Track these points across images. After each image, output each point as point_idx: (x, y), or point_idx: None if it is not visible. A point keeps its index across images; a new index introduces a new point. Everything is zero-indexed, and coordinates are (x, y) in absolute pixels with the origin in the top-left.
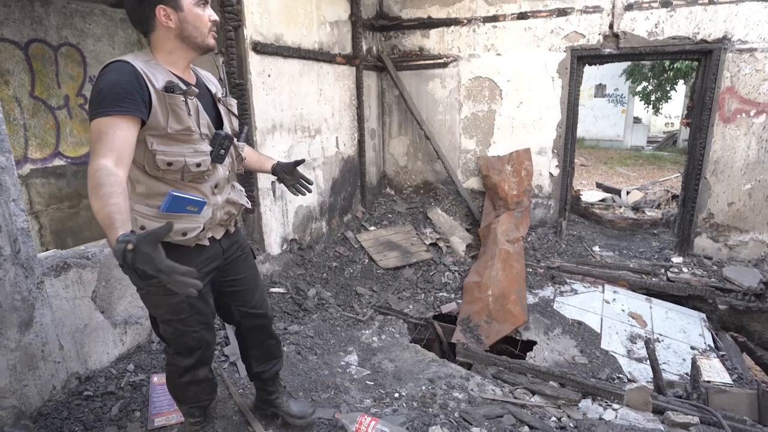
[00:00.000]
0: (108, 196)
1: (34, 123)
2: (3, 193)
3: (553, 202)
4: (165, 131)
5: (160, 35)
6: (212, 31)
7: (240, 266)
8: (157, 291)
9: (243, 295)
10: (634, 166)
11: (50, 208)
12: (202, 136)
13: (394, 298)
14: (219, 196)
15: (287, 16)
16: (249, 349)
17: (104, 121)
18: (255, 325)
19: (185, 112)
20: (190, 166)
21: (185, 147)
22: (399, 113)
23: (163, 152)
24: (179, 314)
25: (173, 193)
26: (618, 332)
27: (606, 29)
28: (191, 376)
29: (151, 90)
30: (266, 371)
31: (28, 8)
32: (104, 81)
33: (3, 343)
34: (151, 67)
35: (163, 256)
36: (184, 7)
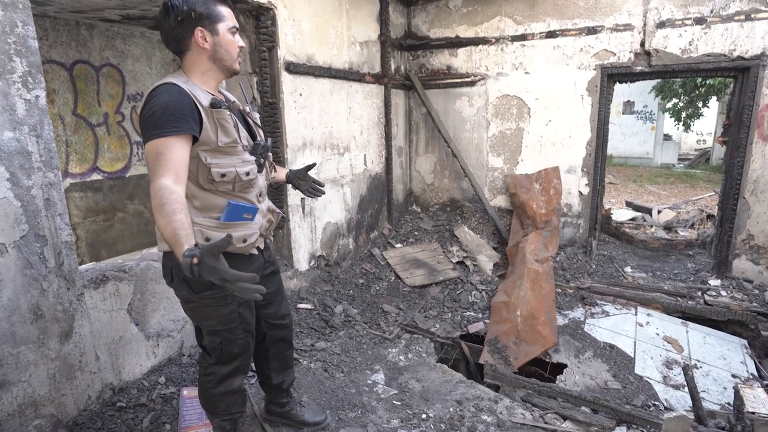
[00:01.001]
0: (172, 213)
1: (75, 139)
2: (50, 207)
3: (583, 221)
4: (216, 145)
5: (194, 56)
6: (239, 57)
7: (271, 280)
8: (209, 303)
9: (272, 307)
10: (665, 184)
11: (87, 221)
12: (244, 147)
13: (421, 317)
14: (263, 203)
15: (319, 37)
16: (270, 361)
17: (161, 142)
18: (279, 336)
19: (231, 125)
20: (241, 176)
21: (234, 158)
22: (426, 131)
23: (216, 165)
24: (229, 324)
25: (232, 202)
26: (653, 357)
27: (637, 47)
28: (227, 385)
29: (200, 108)
30: (285, 381)
31: (74, 32)
32: (157, 103)
33: (44, 353)
34: (192, 87)
35: (226, 266)
36: (219, 31)
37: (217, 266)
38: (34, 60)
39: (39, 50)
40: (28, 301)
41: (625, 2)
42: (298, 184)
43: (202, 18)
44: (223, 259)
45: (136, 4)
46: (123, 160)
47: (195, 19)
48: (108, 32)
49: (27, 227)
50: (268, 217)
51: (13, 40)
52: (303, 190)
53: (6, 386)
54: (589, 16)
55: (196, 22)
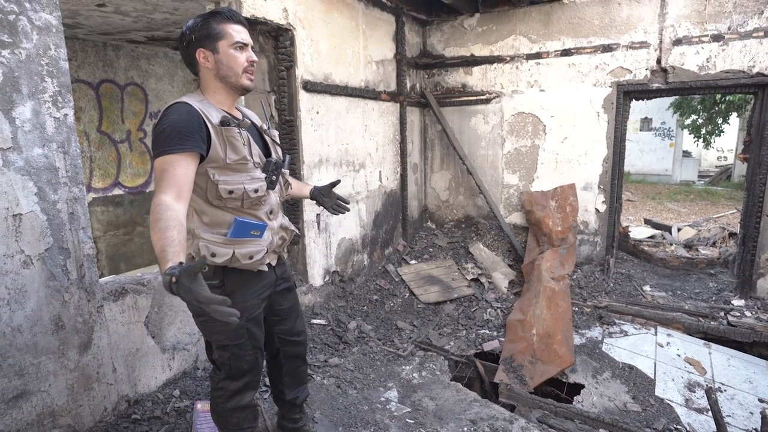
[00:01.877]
0: (164, 230)
1: (99, 155)
2: (74, 221)
3: (600, 238)
4: (224, 162)
5: (204, 75)
6: (247, 72)
7: (286, 296)
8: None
9: (286, 323)
10: (685, 201)
11: (107, 234)
12: (255, 164)
13: (435, 334)
14: (274, 221)
15: (336, 56)
16: (284, 377)
17: (167, 159)
18: (293, 352)
19: (240, 142)
20: (249, 193)
21: (243, 175)
22: (441, 148)
23: (224, 182)
24: (237, 339)
25: (238, 219)
26: (674, 379)
27: (653, 64)
28: (237, 401)
29: (209, 126)
30: (298, 397)
31: (102, 52)
32: (166, 122)
33: (64, 363)
34: (205, 105)
35: (201, 288)
36: (219, 50)
37: (192, 287)
38: (64, 80)
39: (69, 71)
40: (50, 312)
41: (641, 20)
42: (323, 201)
43: (202, 39)
44: (201, 281)
45: (160, 26)
46: (144, 175)
47: (196, 42)
48: (133, 53)
49: (52, 240)
50: (281, 234)
51: (45, 62)
52: (327, 206)
53: (26, 396)
54: (604, 34)
55: (198, 44)
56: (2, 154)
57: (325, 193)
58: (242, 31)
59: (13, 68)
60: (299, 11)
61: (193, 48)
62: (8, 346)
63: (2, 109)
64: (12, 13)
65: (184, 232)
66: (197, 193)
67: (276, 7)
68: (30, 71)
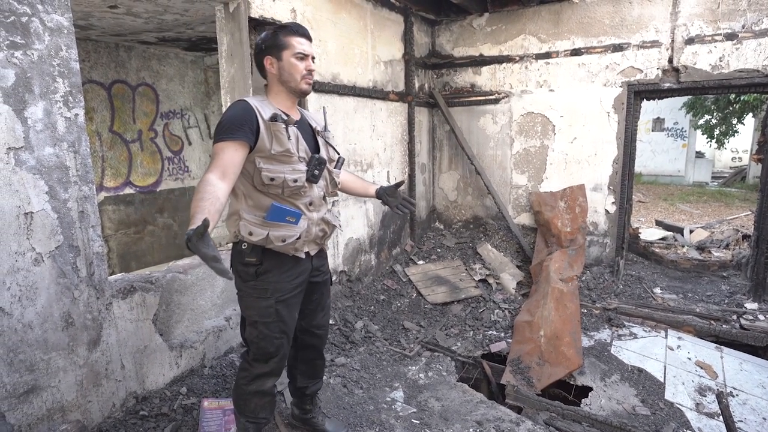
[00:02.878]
0: (200, 200)
1: (111, 155)
2: (84, 219)
3: (609, 240)
4: (269, 153)
5: (269, 79)
6: (305, 78)
7: (318, 289)
8: (251, 293)
9: (310, 314)
10: (698, 202)
11: (118, 233)
12: (300, 158)
13: (442, 335)
14: (315, 213)
15: (344, 56)
16: (298, 364)
17: (219, 145)
18: (311, 343)
19: (285, 137)
20: (288, 182)
21: (285, 166)
22: (449, 148)
23: (267, 170)
24: (266, 318)
25: (275, 204)
26: (684, 383)
27: (665, 64)
28: (258, 384)
29: (260, 120)
30: (308, 387)
31: (114, 53)
32: (225, 115)
33: (73, 360)
34: (263, 104)
35: (206, 246)
36: (283, 58)
37: (198, 245)
38: (75, 81)
39: (80, 71)
40: (60, 309)
41: (652, 19)
42: (388, 201)
43: (269, 49)
44: (207, 241)
45: (171, 27)
46: (154, 175)
47: (265, 50)
48: (145, 53)
49: (62, 238)
50: (321, 226)
51: (57, 62)
52: (392, 206)
53: (37, 391)
54: (615, 34)
55: (266, 52)
56: (14, 153)
57: (390, 193)
58: (304, 43)
59: (25, 69)
60: (307, 12)
61: (263, 55)
62: (19, 342)
63: (15, 109)
64: (25, 14)
65: (218, 205)
66: (245, 178)
67: (284, 7)
68: (42, 72)
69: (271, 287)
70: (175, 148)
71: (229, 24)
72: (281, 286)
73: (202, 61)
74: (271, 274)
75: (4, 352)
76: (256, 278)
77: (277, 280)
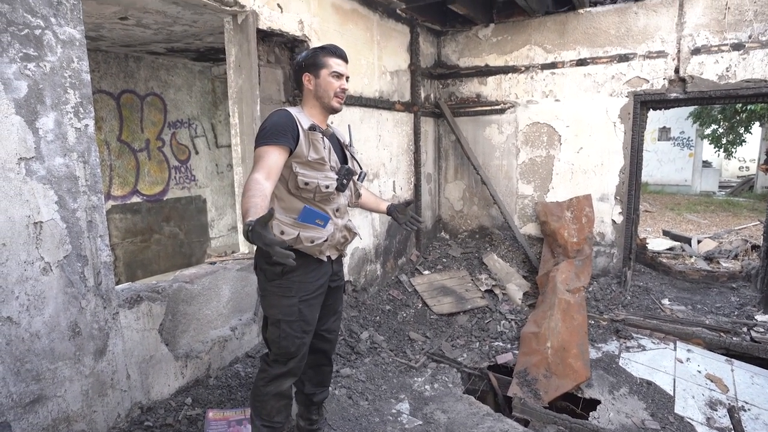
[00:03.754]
0: (251, 197)
1: (119, 164)
2: (92, 229)
3: (617, 250)
4: (306, 159)
5: (306, 94)
6: (337, 96)
7: (334, 294)
8: (276, 292)
9: (323, 317)
10: (705, 212)
11: (125, 242)
12: (331, 167)
13: (448, 346)
14: (340, 219)
15: (350, 67)
16: (307, 369)
17: (264, 149)
18: (321, 347)
19: (321, 146)
20: (321, 187)
21: (319, 173)
22: (455, 158)
23: (303, 174)
24: (289, 316)
25: (307, 207)
26: (694, 396)
27: (671, 74)
28: (276, 386)
29: (299, 129)
30: (316, 394)
31: (123, 64)
32: (268, 122)
33: (79, 369)
34: (300, 115)
35: (269, 233)
36: (321, 76)
37: (262, 233)
38: (85, 92)
39: (91, 82)
40: (67, 319)
41: (658, 30)
42: (397, 217)
43: (308, 66)
44: (270, 230)
45: (180, 38)
46: (161, 183)
47: (304, 68)
48: (153, 64)
49: (70, 247)
50: (343, 233)
51: (68, 74)
52: (401, 222)
53: (42, 401)
54: (621, 44)
55: (305, 69)
56: (26, 163)
57: (400, 210)
58: (341, 64)
59: (37, 80)
60: (314, 23)
61: (302, 72)
62: (27, 352)
63: (27, 120)
64: (38, 27)
65: (267, 201)
66: (281, 182)
67: (292, 19)
68: (54, 83)
69: (295, 286)
70: (182, 157)
71: (237, 35)
72: (305, 286)
73: (210, 71)
74: (296, 274)
75: (11, 362)
76: (281, 277)
77: (301, 280)
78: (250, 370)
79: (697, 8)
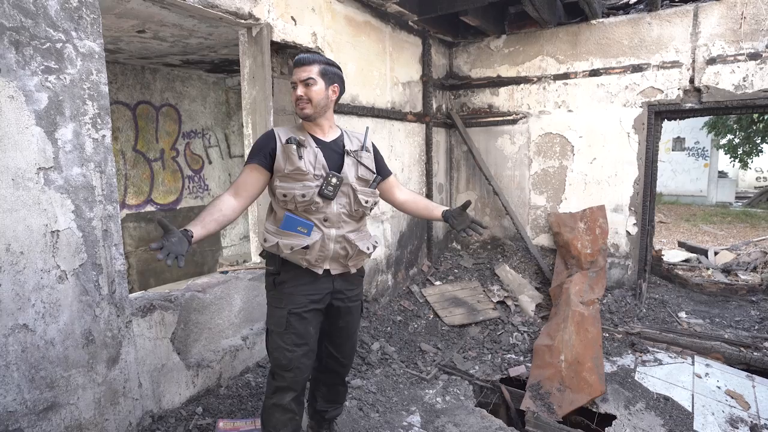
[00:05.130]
0: (204, 209)
1: (134, 173)
2: (107, 238)
3: (631, 262)
4: (284, 172)
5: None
6: (297, 106)
7: (344, 316)
8: (270, 302)
9: (336, 340)
10: (722, 224)
11: (138, 250)
12: (315, 176)
13: (460, 358)
14: (332, 229)
15: (363, 78)
16: (320, 387)
17: (243, 168)
18: (334, 369)
19: (296, 157)
20: (297, 197)
21: (296, 184)
22: (467, 169)
23: (281, 187)
24: (278, 327)
25: (288, 214)
26: (714, 413)
27: (686, 84)
28: (277, 398)
29: (278, 144)
30: (328, 411)
31: (140, 75)
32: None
33: (92, 377)
34: (287, 131)
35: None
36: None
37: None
38: (103, 103)
39: (108, 94)
40: (81, 327)
41: (672, 39)
42: (453, 223)
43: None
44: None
45: (195, 50)
46: (175, 193)
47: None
48: (169, 75)
49: (86, 256)
50: (342, 244)
51: (87, 86)
52: (458, 229)
53: (56, 408)
54: (634, 54)
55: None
56: (44, 173)
57: (456, 215)
58: (297, 71)
59: (57, 92)
60: (328, 35)
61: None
62: (41, 359)
63: (46, 131)
64: (59, 41)
65: (218, 214)
66: (273, 197)
67: (306, 31)
68: (73, 95)
69: (286, 298)
70: (195, 166)
71: (251, 47)
72: (295, 298)
73: (224, 82)
74: (287, 285)
75: (26, 369)
76: (275, 287)
77: (291, 291)
78: (260, 380)
79: (712, 18)
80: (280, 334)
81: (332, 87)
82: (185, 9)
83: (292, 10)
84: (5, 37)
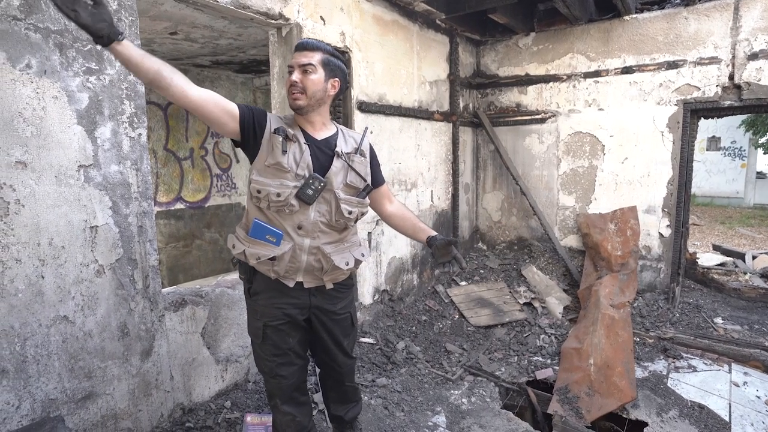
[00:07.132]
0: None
1: (164, 171)
2: (143, 234)
3: (664, 264)
4: (263, 163)
5: None
6: (290, 93)
7: (327, 329)
8: (248, 311)
9: (329, 353)
10: (760, 226)
11: (168, 246)
12: (297, 175)
13: (485, 359)
14: (306, 239)
15: (390, 77)
16: (328, 392)
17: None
18: (334, 376)
19: (279, 150)
20: (271, 195)
21: (274, 181)
22: (494, 168)
23: (256, 181)
24: (256, 338)
25: (256, 220)
26: (753, 423)
27: (725, 80)
28: (272, 402)
29: (268, 129)
30: (345, 414)
31: None
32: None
33: (127, 369)
34: (282, 119)
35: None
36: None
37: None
38: (140, 103)
39: (144, 94)
40: (117, 319)
41: (710, 35)
42: (436, 253)
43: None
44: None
45: (225, 51)
46: (203, 191)
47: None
48: (199, 76)
49: (122, 251)
50: (316, 256)
51: (125, 86)
52: (439, 261)
53: (93, 397)
54: (669, 51)
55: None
56: (84, 170)
57: (441, 246)
58: (297, 56)
59: (97, 92)
60: (356, 34)
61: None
62: (80, 350)
63: (87, 130)
64: None
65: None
66: (250, 196)
67: (334, 31)
68: (111, 95)
69: (260, 310)
70: (223, 165)
71: (281, 47)
72: (268, 310)
73: (252, 82)
74: (260, 297)
75: (66, 359)
76: (250, 297)
77: (263, 303)
78: None
79: (755, 11)
80: (258, 344)
81: (333, 81)
82: (217, 10)
83: (321, 10)
84: (50, 39)
